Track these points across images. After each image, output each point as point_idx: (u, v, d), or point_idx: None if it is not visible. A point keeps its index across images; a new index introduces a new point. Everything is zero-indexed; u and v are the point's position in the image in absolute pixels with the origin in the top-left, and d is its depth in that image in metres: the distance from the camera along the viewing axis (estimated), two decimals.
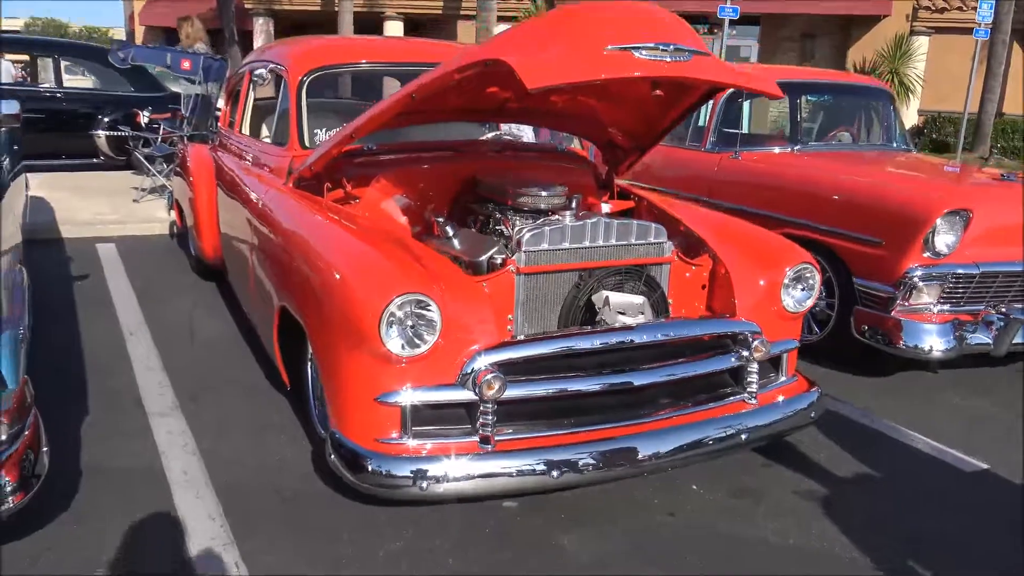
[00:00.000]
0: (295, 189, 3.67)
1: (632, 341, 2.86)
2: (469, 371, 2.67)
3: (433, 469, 2.59)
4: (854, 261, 4.27)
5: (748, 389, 3.12)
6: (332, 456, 2.72)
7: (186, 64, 7.40)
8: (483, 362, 2.67)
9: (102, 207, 7.41)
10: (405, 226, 3.51)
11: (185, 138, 7.58)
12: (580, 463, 2.70)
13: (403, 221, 3.53)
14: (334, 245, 2.99)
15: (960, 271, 4.07)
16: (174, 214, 6.21)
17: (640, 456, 2.79)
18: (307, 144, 3.82)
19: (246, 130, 4.76)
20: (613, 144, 3.99)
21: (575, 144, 4.44)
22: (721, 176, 5.24)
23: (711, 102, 5.13)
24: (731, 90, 4.84)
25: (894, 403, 4.01)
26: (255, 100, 4.78)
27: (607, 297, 2.94)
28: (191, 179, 5.26)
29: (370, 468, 2.61)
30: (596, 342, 2.84)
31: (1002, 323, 4.08)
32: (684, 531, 2.82)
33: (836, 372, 4.33)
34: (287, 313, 3.24)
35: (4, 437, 2.13)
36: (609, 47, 2.59)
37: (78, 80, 9.66)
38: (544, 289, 3.00)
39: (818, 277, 3.32)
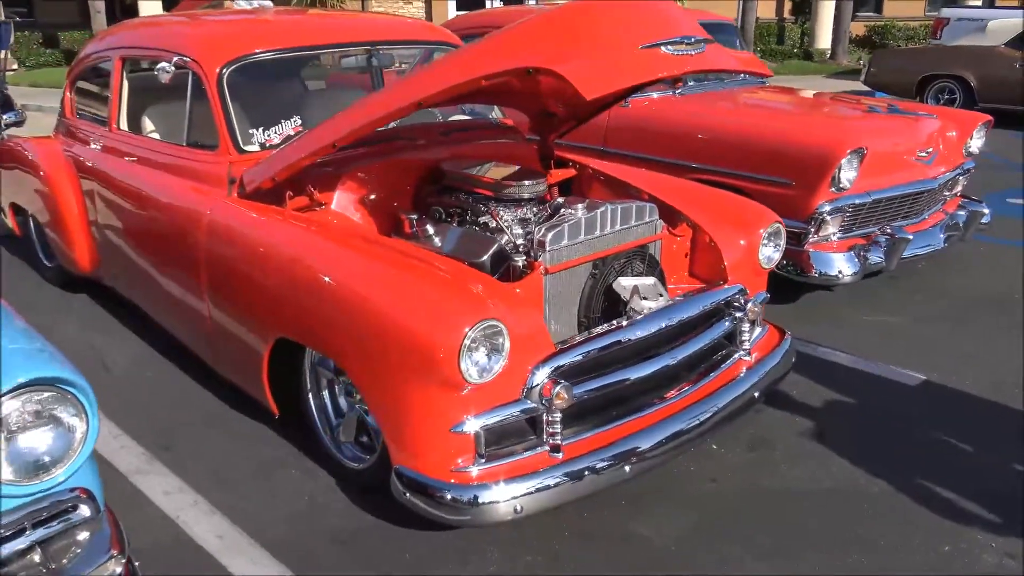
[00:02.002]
0: (244, 200, 3.33)
1: (668, 325, 2.96)
2: (534, 384, 2.65)
3: (518, 488, 2.56)
4: (767, 201, 4.55)
5: (743, 347, 3.35)
6: (407, 495, 2.60)
7: None
8: (545, 373, 2.66)
9: None
10: (377, 228, 3.32)
11: None
12: (642, 451, 2.79)
13: (376, 224, 3.34)
14: (363, 273, 2.77)
15: (857, 201, 4.55)
16: (7, 219, 5.35)
17: (688, 429, 2.92)
18: (243, 147, 3.44)
19: (124, 126, 4.17)
20: (547, 113, 3.96)
21: (496, 113, 4.36)
22: (614, 124, 5.36)
23: None
24: None
25: (816, 327, 4.44)
26: (129, 89, 4.19)
27: (636, 286, 3.00)
28: (44, 176, 4.55)
29: (454, 499, 2.53)
30: (638, 332, 2.90)
31: (889, 242, 4.64)
32: (732, 494, 3.03)
33: None
34: (281, 342, 3.00)
35: (120, 571, 1.83)
36: (641, 46, 2.58)
37: None
38: (565, 283, 3.00)
39: (784, 233, 3.58)
